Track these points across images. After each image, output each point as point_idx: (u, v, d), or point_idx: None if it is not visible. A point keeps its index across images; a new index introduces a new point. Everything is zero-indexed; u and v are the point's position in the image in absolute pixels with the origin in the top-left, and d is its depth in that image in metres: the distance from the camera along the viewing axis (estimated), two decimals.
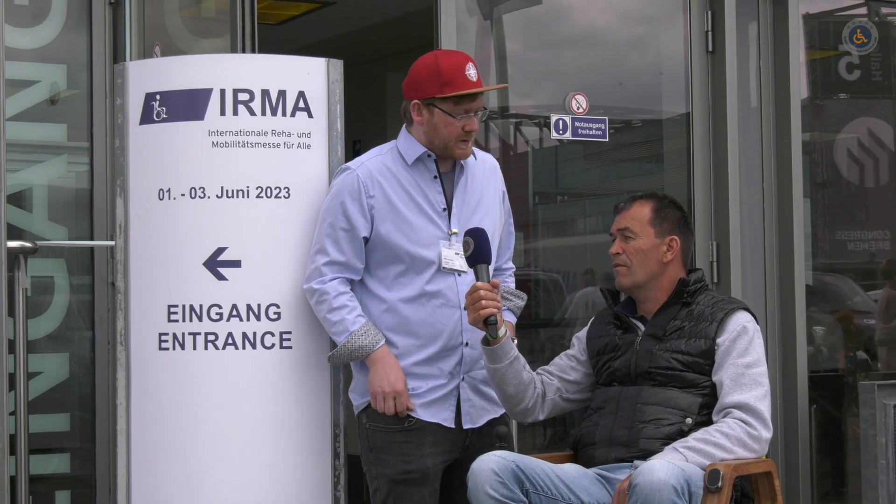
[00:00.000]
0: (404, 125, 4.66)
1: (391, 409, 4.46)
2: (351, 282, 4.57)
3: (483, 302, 4.22)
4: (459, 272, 4.55)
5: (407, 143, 4.62)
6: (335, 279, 4.50)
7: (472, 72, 4.55)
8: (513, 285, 4.88)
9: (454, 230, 4.57)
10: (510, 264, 4.91)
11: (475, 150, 4.73)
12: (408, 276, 4.56)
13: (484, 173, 4.75)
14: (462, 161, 4.63)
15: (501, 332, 4.33)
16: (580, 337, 4.70)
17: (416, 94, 4.54)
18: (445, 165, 4.62)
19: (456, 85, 4.50)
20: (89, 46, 6.24)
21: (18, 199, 6.16)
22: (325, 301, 4.47)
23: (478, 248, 4.31)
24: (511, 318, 4.76)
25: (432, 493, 4.58)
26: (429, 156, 4.57)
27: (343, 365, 4.66)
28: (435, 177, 4.61)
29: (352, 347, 4.47)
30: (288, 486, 4.63)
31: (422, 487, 4.52)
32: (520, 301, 4.86)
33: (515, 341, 4.62)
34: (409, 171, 4.60)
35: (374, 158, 4.60)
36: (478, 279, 4.28)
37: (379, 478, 4.55)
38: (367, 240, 4.55)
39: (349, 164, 4.59)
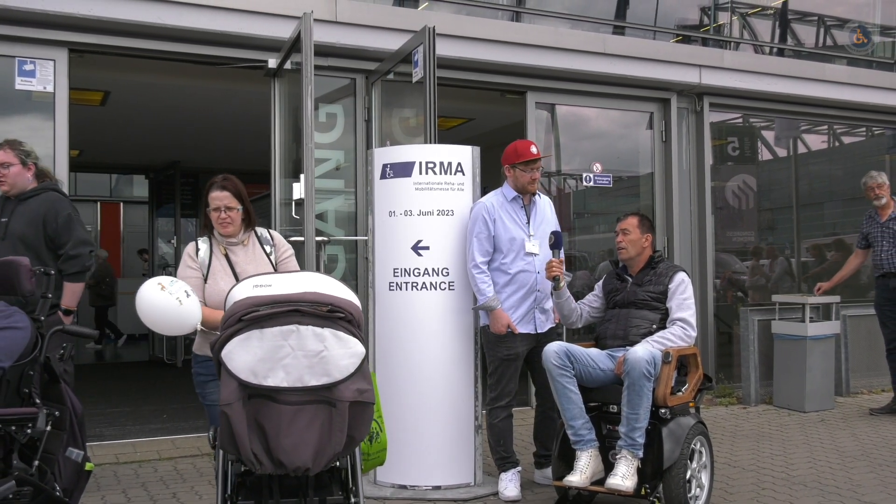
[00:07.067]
0: (505, 180, 4.78)
1: (502, 332, 4.59)
2: (487, 262, 4.63)
3: (554, 269, 4.39)
4: (534, 254, 4.63)
5: (507, 189, 4.72)
6: (480, 265, 4.60)
7: (533, 148, 4.64)
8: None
9: (532, 233, 4.67)
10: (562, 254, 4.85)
11: (540, 193, 4.84)
12: (509, 256, 4.63)
13: (544, 206, 4.83)
14: (534, 199, 4.74)
15: (562, 284, 4.43)
16: (599, 285, 4.76)
17: (506, 162, 4.71)
18: (527, 200, 4.73)
19: (523, 156, 4.62)
20: (354, 141, 6.39)
21: (321, 217, 6.23)
22: (476, 277, 4.60)
23: (556, 241, 4.46)
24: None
25: (519, 366, 4.70)
26: (518, 196, 4.71)
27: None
28: (522, 207, 4.71)
29: (485, 305, 4.59)
30: (453, 354, 4.72)
31: (515, 362, 4.67)
32: (568, 278, 4.73)
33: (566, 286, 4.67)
34: (509, 203, 4.69)
35: (493, 197, 4.72)
36: (553, 257, 4.43)
37: (492, 356, 4.71)
38: (492, 237, 4.63)
39: (481, 199, 4.73)
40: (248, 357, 2.72)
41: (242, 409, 2.73)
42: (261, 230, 3.79)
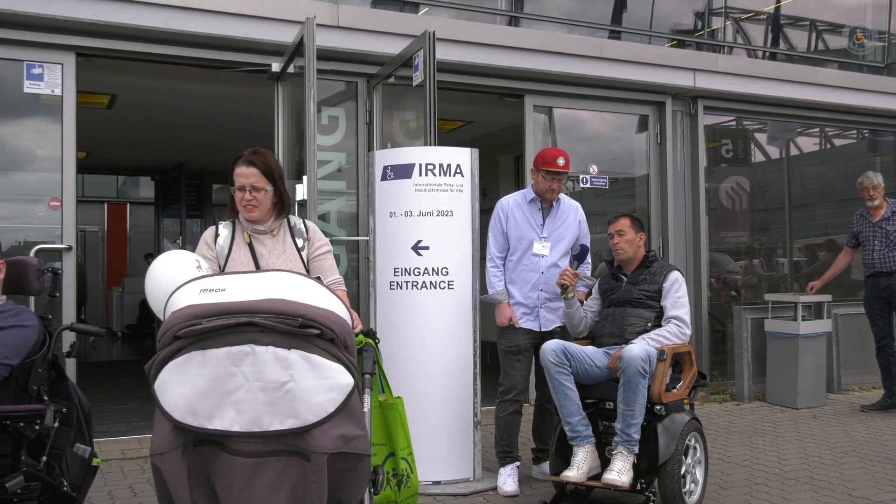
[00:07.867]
0: (531, 183, 4.78)
1: (504, 324, 4.67)
2: (503, 257, 4.71)
3: (564, 278, 4.36)
4: (542, 255, 4.66)
5: (528, 191, 4.76)
6: (496, 258, 4.69)
7: (560, 160, 4.60)
8: (589, 272, 4.92)
9: (544, 235, 4.69)
10: (589, 260, 4.86)
11: (567, 198, 4.84)
12: (515, 254, 4.68)
13: (567, 210, 4.79)
14: (553, 203, 4.74)
15: (570, 295, 4.40)
16: (597, 286, 4.72)
17: (534, 166, 4.72)
18: (545, 204, 4.74)
19: (548, 164, 4.61)
20: (356, 143, 6.36)
21: (323, 217, 6.21)
22: (489, 271, 4.69)
23: (579, 254, 4.52)
24: (583, 289, 4.78)
25: (525, 358, 4.71)
26: (537, 198, 4.73)
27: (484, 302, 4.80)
28: (539, 209, 4.74)
29: (491, 298, 4.68)
30: (453, 351, 4.72)
31: (519, 355, 4.69)
32: (590, 282, 4.84)
33: (581, 295, 4.72)
34: (528, 204, 4.73)
35: (513, 197, 4.79)
36: (570, 267, 4.48)
37: (499, 348, 4.76)
38: (505, 234, 4.71)
39: (501, 200, 4.78)
40: (184, 389, 1.93)
41: (181, 461, 1.94)
42: (295, 219, 3.10)
